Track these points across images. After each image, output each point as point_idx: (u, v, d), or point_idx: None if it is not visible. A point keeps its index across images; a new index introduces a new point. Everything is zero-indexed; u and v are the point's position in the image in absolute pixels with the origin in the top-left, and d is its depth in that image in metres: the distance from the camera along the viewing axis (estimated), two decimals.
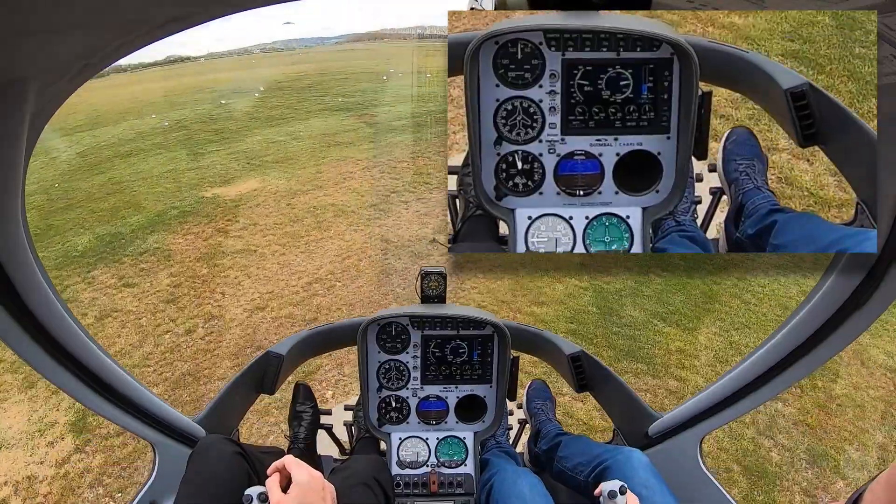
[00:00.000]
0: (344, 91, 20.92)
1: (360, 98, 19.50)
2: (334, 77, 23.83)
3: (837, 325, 1.36)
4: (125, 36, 0.93)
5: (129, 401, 1.69)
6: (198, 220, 9.14)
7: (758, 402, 1.70)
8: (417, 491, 2.08)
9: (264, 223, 8.91)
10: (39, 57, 0.83)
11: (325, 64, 29.05)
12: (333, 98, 19.65)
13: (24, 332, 1.27)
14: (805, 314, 1.40)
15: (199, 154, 13.56)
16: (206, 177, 11.75)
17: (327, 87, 21.75)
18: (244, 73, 28.11)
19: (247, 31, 59.67)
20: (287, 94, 21.01)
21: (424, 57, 26.05)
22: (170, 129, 16.46)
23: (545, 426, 2.41)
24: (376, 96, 19.75)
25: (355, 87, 21.52)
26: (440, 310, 2.06)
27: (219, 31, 69.15)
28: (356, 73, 24.58)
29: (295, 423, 2.47)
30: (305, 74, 25.25)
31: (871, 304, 1.27)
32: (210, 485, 1.50)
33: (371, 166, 12.00)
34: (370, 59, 29.91)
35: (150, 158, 13.34)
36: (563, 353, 2.20)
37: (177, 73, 30.88)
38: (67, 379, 1.47)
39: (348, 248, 8.00)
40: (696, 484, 1.92)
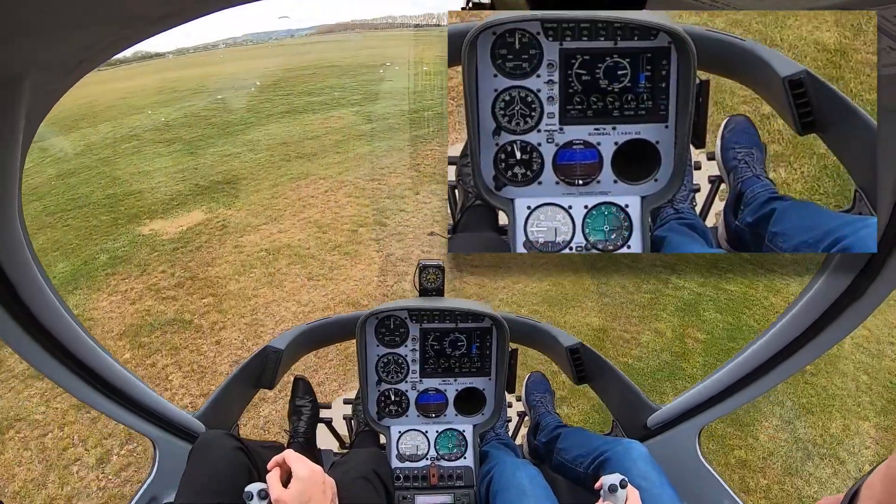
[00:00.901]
0: (310, 88, 19.41)
1: (326, 97, 17.86)
2: (302, 73, 22.72)
3: (836, 316, 1.36)
4: (121, 32, 0.92)
5: (129, 397, 1.68)
6: (128, 271, 7.31)
7: (756, 394, 1.71)
8: (417, 484, 2.08)
9: (204, 276, 7.02)
10: (35, 55, 0.82)
11: (294, 58, 27.80)
12: (298, 97, 18.05)
13: (22, 330, 1.26)
14: (803, 305, 1.40)
15: (144, 174, 11.66)
16: (148, 204, 9.86)
17: (293, 84, 20.26)
18: (211, 69, 26.71)
19: (215, 24, 58.22)
20: (251, 93, 19.30)
21: (395, 48, 25.43)
22: (121, 139, 14.57)
23: (544, 418, 2.42)
24: (344, 94, 18.04)
25: (323, 84, 19.99)
26: (438, 303, 2.06)
27: (188, 25, 67.68)
28: (323, 68, 23.12)
29: (294, 418, 2.47)
30: (271, 70, 24.03)
31: (869, 294, 1.27)
32: (211, 480, 1.50)
33: (335, 187, 10.04)
34: (339, 52, 28.85)
35: (91, 180, 11.37)
36: (562, 346, 2.21)
37: (141, 72, 29.46)
38: (67, 376, 1.46)
39: (305, 315, 6.19)
40: (694, 475, 1.94)
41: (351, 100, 17.23)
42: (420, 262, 2.09)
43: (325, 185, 10.10)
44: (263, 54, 32.64)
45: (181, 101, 18.75)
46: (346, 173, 10.72)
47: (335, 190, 9.87)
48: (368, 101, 16.92)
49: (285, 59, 27.78)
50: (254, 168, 11.49)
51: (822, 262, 1.35)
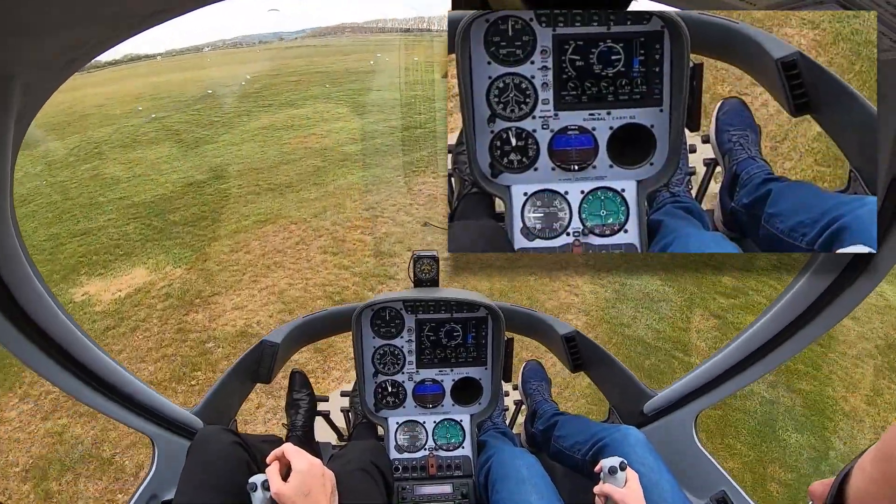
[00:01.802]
0: (293, 98, 17.38)
1: (309, 108, 16.02)
2: (287, 78, 20.91)
3: (832, 300, 1.36)
4: (110, 29, 0.91)
5: (127, 395, 1.66)
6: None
7: (751, 378, 1.71)
8: (416, 474, 2.09)
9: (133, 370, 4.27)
10: (24, 53, 0.81)
11: (282, 62, 27.08)
12: (280, 108, 16.07)
13: (16, 328, 1.24)
14: (799, 288, 1.40)
15: (96, 206, 9.89)
16: (90, 253, 8.14)
17: (276, 93, 18.15)
18: (197, 73, 25.48)
19: (208, 25, 57.24)
20: (230, 102, 17.30)
21: (387, 52, 24.84)
22: (85, 157, 12.86)
23: (541, 406, 2.42)
24: (328, 106, 16.14)
25: (307, 93, 17.93)
26: (433, 293, 2.06)
27: (181, 26, 66.11)
28: (310, 74, 21.30)
29: (292, 411, 2.46)
30: (257, 74, 22.52)
31: (864, 278, 1.27)
32: (210, 475, 1.50)
33: (309, 237, 8.14)
34: (328, 57, 27.59)
35: (39, 212, 9.79)
36: (558, 333, 2.21)
37: (122, 76, 27.87)
38: (64, 375, 1.44)
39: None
40: (691, 460, 1.95)
41: (336, 113, 15.52)
42: (414, 252, 2.09)
43: (296, 234, 8.27)
44: (253, 58, 31.77)
45: (158, 110, 16.92)
46: (322, 216, 8.73)
47: (308, 242, 8.02)
48: (355, 113, 15.31)
49: (273, 63, 26.95)
50: (217, 203, 9.64)
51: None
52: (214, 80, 22.43)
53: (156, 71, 28.49)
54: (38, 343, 1.31)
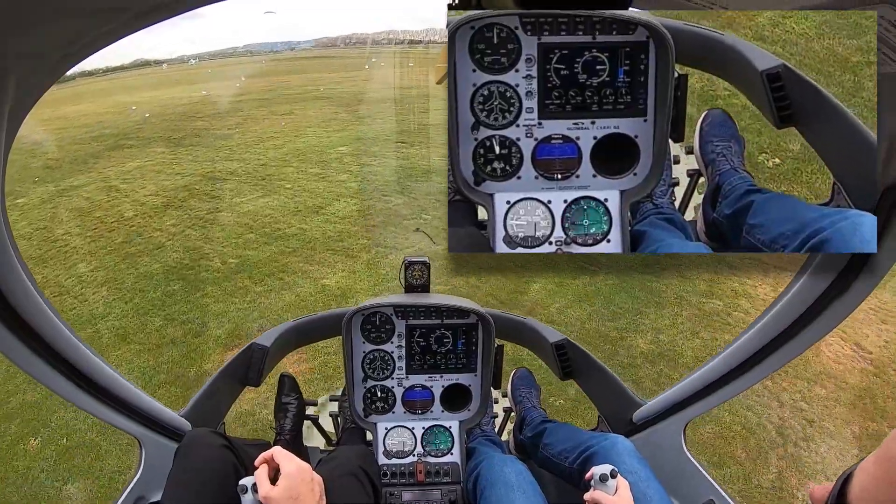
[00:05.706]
0: (278, 145, 13.13)
1: (302, 143, 13.02)
2: (283, 102, 18.92)
3: (820, 311, 1.36)
4: (107, 25, 0.90)
5: (114, 395, 1.65)
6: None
7: (741, 389, 1.70)
8: (404, 480, 2.08)
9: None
10: (17, 48, 0.80)
11: (280, 78, 25.77)
12: (265, 151, 12.53)
13: (4, 327, 1.24)
14: (788, 300, 1.40)
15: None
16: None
17: (262, 143, 13.29)
18: (185, 91, 23.18)
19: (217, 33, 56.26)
20: (202, 152, 12.89)
21: (389, 68, 23.92)
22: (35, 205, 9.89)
23: (530, 413, 2.42)
24: (320, 140, 13.26)
25: (296, 144, 13.07)
26: (424, 299, 2.07)
27: (190, 32, 64.95)
28: (308, 101, 18.92)
29: (280, 415, 2.46)
30: (252, 95, 21.01)
31: (853, 290, 1.26)
32: (198, 478, 1.50)
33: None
34: (329, 72, 26.38)
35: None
36: (547, 341, 2.22)
37: (113, 88, 27.01)
38: (52, 375, 1.44)
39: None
40: (680, 469, 1.95)
41: (330, 142, 12.75)
42: (405, 258, 2.10)
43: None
44: (255, 71, 30.96)
45: (129, 135, 14.58)
46: (303, 301, 6.11)
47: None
48: (346, 142, 12.68)
49: (273, 78, 26.02)
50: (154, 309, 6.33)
51: (804, 260, 1.35)
52: (202, 97, 21.46)
53: (134, 86, 27.20)
54: (28, 343, 1.31)
